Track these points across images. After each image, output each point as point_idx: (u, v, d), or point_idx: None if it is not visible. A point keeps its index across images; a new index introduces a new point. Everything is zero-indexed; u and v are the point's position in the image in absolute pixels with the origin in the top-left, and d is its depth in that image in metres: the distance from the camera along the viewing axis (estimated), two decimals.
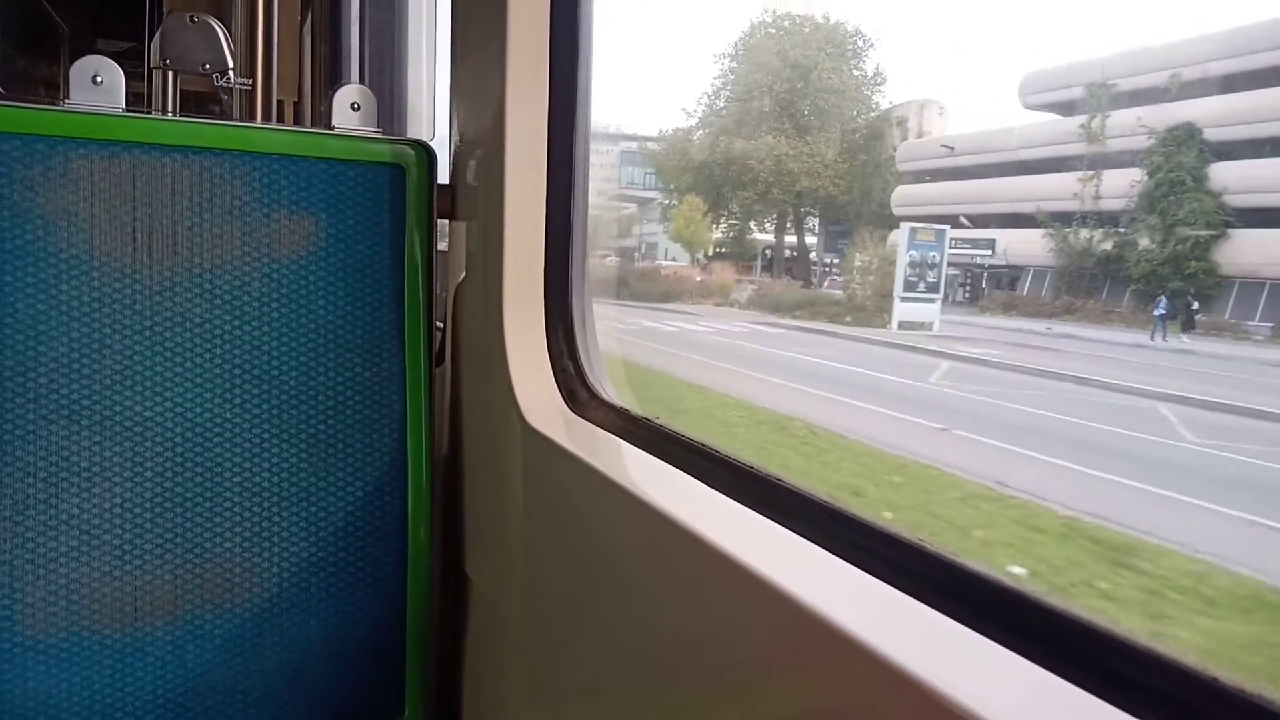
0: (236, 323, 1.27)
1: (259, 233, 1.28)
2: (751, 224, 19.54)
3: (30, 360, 1.19)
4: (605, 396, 1.27)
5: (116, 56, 1.26)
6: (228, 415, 1.28)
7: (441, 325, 1.47)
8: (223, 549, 1.29)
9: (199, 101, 2.61)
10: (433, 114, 2.32)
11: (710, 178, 18.82)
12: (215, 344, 1.27)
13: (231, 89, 2.13)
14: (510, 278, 1.26)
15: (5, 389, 1.18)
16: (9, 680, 1.20)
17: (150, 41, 1.99)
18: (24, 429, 1.19)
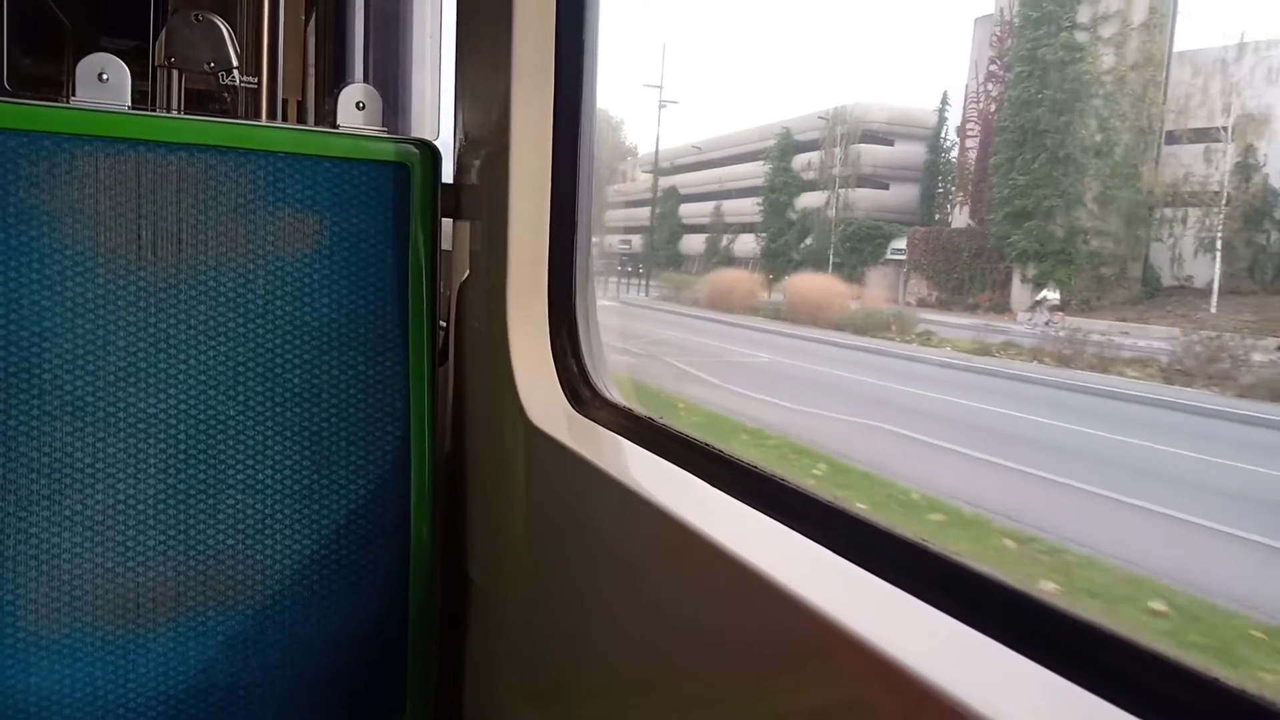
0: (240, 320, 1.28)
1: (263, 230, 1.28)
2: None
3: (35, 357, 1.19)
4: (609, 396, 1.27)
5: (121, 54, 1.26)
6: (231, 412, 1.28)
7: (445, 324, 1.48)
8: (225, 546, 1.29)
9: (203, 100, 2.61)
10: (437, 113, 2.32)
11: None
12: (219, 341, 1.27)
13: (236, 87, 2.13)
14: (514, 277, 1.26)
15: (10, 385, 1.18)
16: (12, 675, 1.20)
17: (155, 40, 1.99)
18: (28, 425, 1.20)
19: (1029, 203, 11.15)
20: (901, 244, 14.05)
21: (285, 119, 2.45)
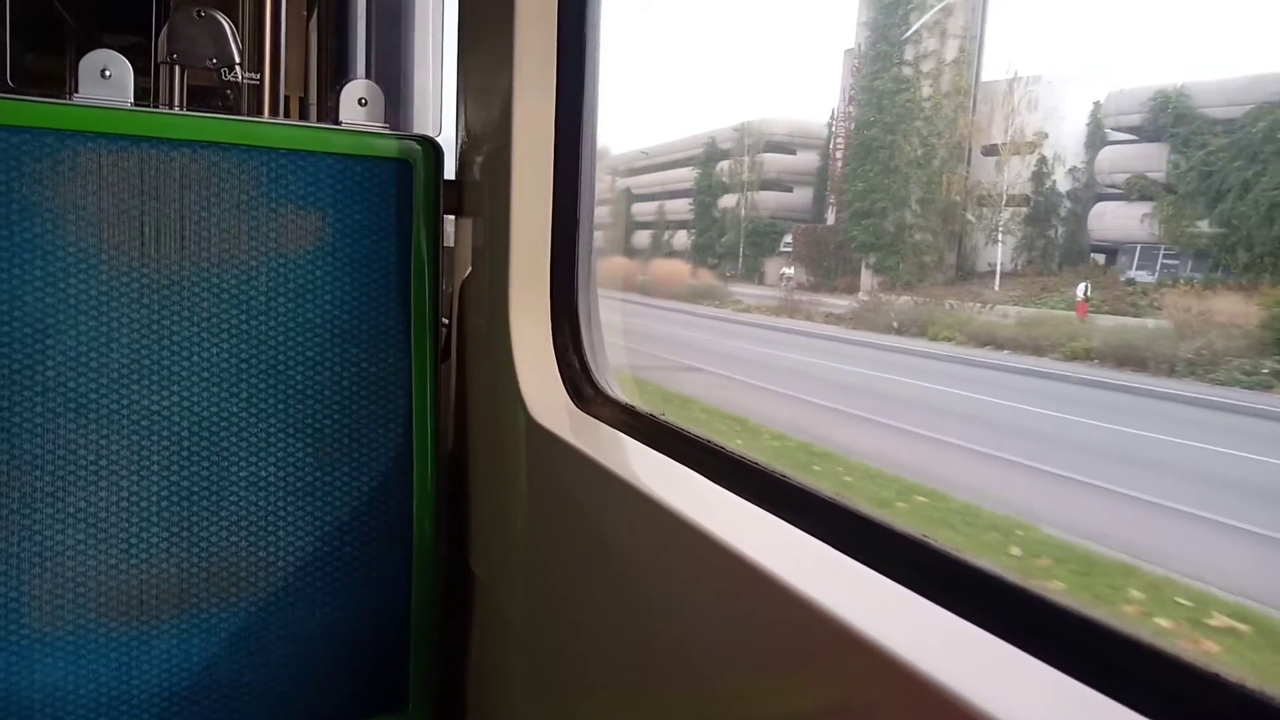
0: (243, 317, 1.28)
1: (266, 227, 1.28)
2: None
3: (38, 354, 1.19)
4: (611, 393, 1.27)
5: (123, 51, 1.26)
6: (234, 409, 1.28)
7: (447, 321, 1.48)
8: (228, 543, 1.29)
9: (206, 96, 2.61)
10: (439, 109, 2.32)
11: None
12: (222, 338, 1.27)
13: (239, 83, 2.13)
14: (516, 274, 1.26)
15: (14, 383, 1.19)
16: (16, 672, 1.21)
17: (157, 36, 1.99)
18: (32, 422, 1.20)
19: (866, 204, 14.27)
20: (790, 238, 17.63)
21: (288, 115, 2.45)
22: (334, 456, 1.33)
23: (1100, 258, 9.92)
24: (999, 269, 11.47)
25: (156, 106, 1.97)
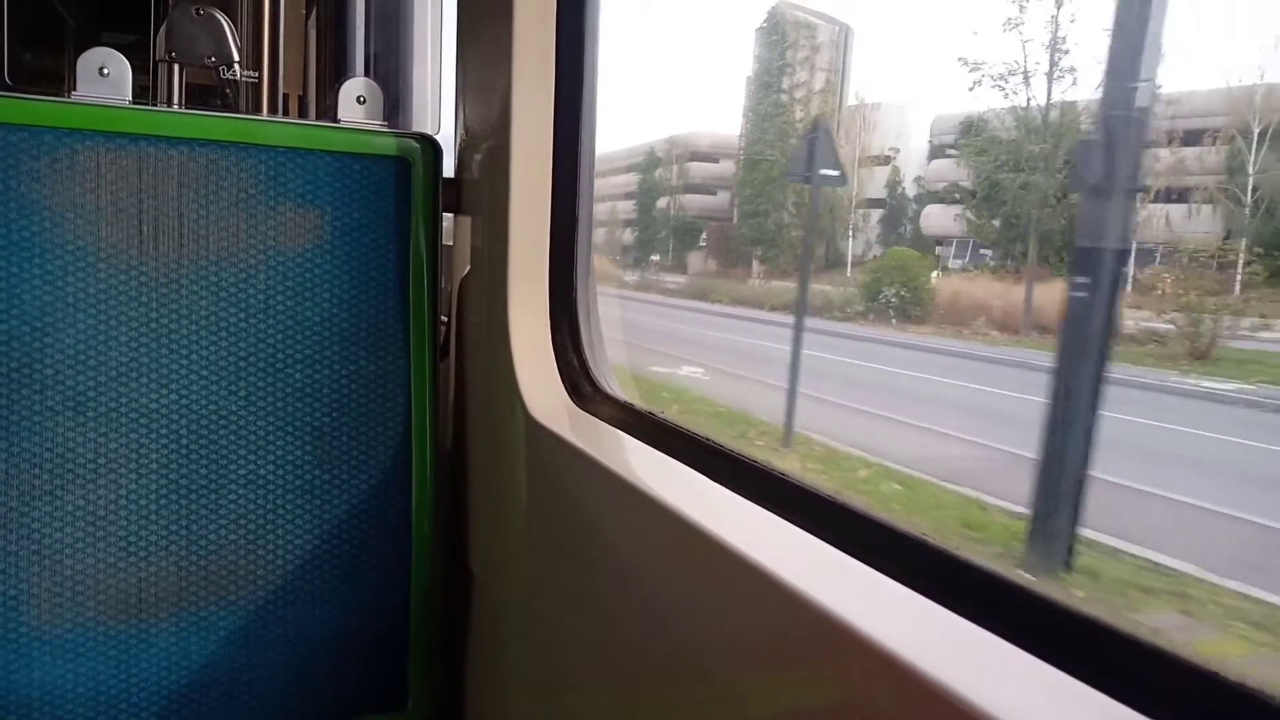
0: (242, 315, 1.28)
1: (265, 225, 1.28)
2: None
3: (37, 352, 1.19)
4: (610, 391, 1.27)
5: (121, 49, 1.26)
6: (233, 407, 1.28)
7: (446, 319, 1.47)
8: (227, 541, 1.29)
9: (204, 94, 2.61)
10: (438, 107, 2.32)
11: None
12: (221, 336, 1.27)
13: (237, 82, 2.13)
14: (515, 272, 1.26)
15: (12, 380, 1.19)
16: (15, 671, 1.20)
17: (156, 34, 1.99)
18: (30, 420, 1.20)
19: (753, 207, 17.24)
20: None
21: (286, 113, 2.45)
22: (333, 455, 1.33)
23: (947, 249, 12.27)
24: (850, 259, 14.85)
25: (155, 104, 1.97)
